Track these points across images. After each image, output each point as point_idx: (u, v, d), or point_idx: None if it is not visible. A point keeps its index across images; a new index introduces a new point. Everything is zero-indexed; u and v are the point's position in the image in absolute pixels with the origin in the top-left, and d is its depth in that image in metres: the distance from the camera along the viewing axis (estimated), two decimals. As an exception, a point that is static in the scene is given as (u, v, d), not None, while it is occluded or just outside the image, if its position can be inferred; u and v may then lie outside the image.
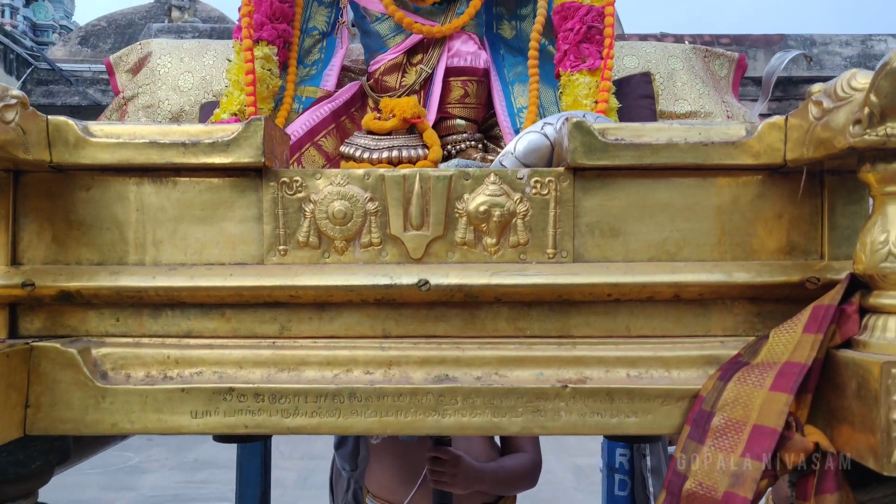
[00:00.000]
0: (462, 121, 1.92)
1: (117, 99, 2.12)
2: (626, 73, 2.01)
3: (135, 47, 2.20)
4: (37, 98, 11.36)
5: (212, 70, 2.05)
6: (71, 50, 12.60)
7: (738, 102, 2.11)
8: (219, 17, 12.96)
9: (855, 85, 1.02)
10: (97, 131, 1.19)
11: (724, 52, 2.16)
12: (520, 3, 2.09)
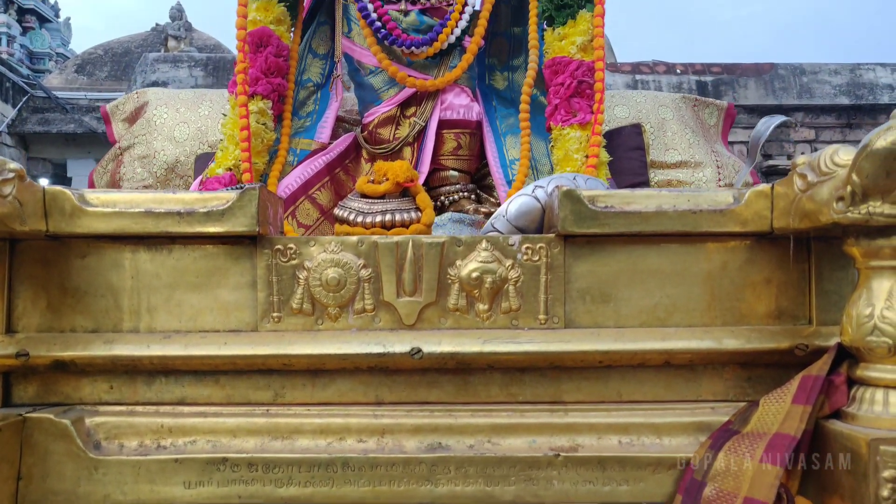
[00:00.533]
0: (455, 172, 1.94)
1: (113, 149, 2.14)
2: (617, 124, 2.05)
3: (131, 96, 2.23)
4: (32, 126, 11.39)
5: (207, 121, 2.07)
6: (67, 78, 12.66)
7: (727, 151, 2.14)
8: (215, 45, 13.06)
9: (837, 161, 1.04)
10: (93, 199, 1.20)
11: (714, 102, 2.20)
12: (512, 55, 2.12)
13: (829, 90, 9.77)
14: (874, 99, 8.85)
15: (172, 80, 9.04)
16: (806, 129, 8.91)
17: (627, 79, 9.08)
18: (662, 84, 9.14)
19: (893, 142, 0.94)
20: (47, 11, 13.82)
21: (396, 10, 1.88)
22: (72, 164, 11.35)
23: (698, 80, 9.31)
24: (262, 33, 1.82)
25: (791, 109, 8.96)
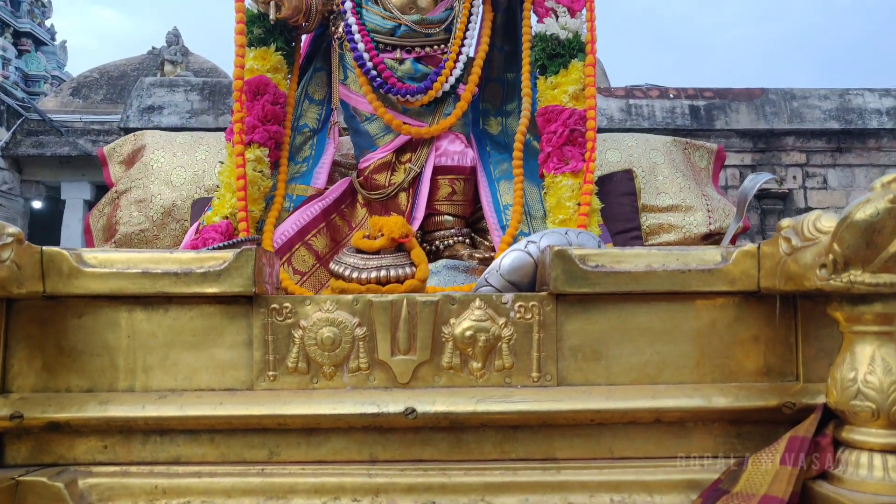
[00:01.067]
0: (450, 217, 1.96)
1: (110, 192, 2.15)
2: (608, 168, 2.08)
3: (128, 138, 2.25)
4: (26, 149, 11.40)
5: (204, 165, 2.09)
6: (62, 101, 12.69)
7: (717, 194, 2.17)
8: (211, 68, 13.12)
9: (820, 227, 1.07)
10: (91, 259, 1.21)
11: (704, 144, 2.23)
12: (505, 100, 2.16)
13: (818, 115, 9.87)
14: (863, 123, 8.96)
15: (168, 104, 9.08)
16: (797, 153, 9.00)
17: (621, 103, 9.17)
18: (655, 108, 9.24)
19: (872, 214, 0.96)
20: (43, 35, 13.88)
21: (392, 59, 1.92)
22: (65, 187, 11.35)
23: (691, 104, 9.41)
24: (259, 82, 1.85)
25: (782, 134, 9.06)
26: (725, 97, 10.28)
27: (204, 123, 8.68)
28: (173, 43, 10.26)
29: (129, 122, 8.70)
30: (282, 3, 1.80)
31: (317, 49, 2.13)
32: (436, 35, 1.96)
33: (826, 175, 9.06)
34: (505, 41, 2.14)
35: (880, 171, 8.87)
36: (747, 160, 8.91)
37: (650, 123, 8.83)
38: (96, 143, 11.28)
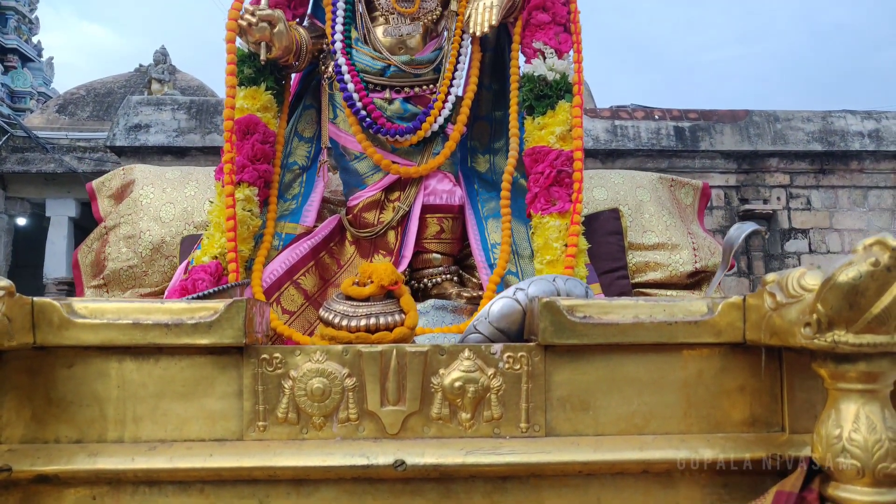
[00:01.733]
0: (438, 255, 1.98)
1: (99, 228, 2.15)
2: (595, 206, 2.10)
3: (117, 172, 2.25)
4: (12, 165, 11.32)
5: (193, 201, 2.09)
6: (48, 118, 12.64)
7: (703, 232, 2.20)
8: (198, 86, 13.11)
9: (804, 284, 1.09)
10: (81, 310, 1.21)
11: (689, 182, 2.27)
12: (493, 138, 2.18)
13: (802, 136, 10.00)
14: (846, 146, 9.10)
15: (155, 122, 9.07)
16: (781, 174, 9.12)
17: (607, 124, 9.26)
18: (641, 130, 9.34)
19: (855, 277, 0.99)
20: (30, 51, 13.83)
21: (381, 99, 1.94)
22: (50, 204, 11.27)
23: (676, 125, 9.51)
24: (249, 121, 1.86)
25: (766, 155, 9.17)
26: (710, 119, 10.41)
27: (191, 142, 8.67)
28: (161, 62, 10.26)
29: (116, 140, 8.67)
30: (272, 44, 1.82)
31: (306, 87, 2.14)
32: (425, 75, 1.98)
33: (809, 196, 9.18)
34: (493, 80, 2.17)
35: (863, 193, 9.00)
36: (732, 181, 9.01)
37: (635, 144, 8.92)
38: (82, 161, 11.23)
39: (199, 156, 8.88)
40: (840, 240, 9.03)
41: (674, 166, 9.04)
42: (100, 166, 11.04)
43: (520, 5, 1.96)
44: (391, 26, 1.99)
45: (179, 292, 1.64)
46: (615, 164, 8.89)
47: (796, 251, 8.95)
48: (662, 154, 8.99)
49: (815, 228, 9.09)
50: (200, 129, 8.91)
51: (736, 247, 1.42)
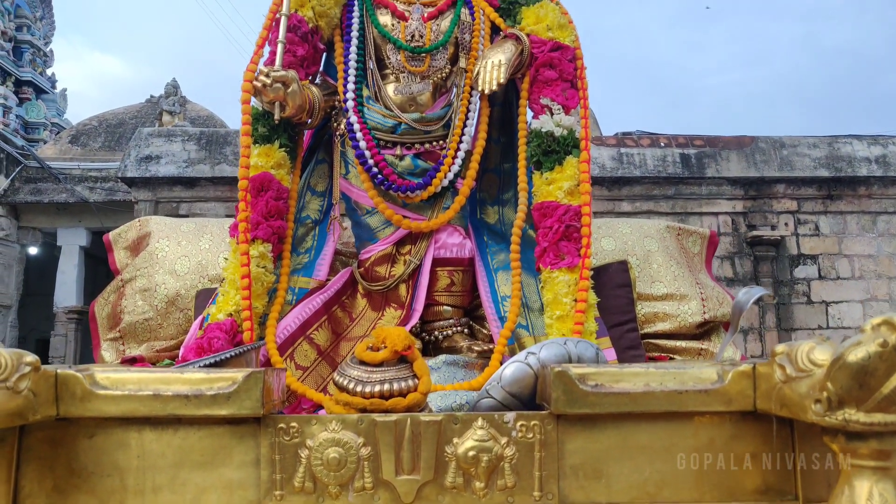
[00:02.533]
0: (449, 307, 2.00)
1: (116, 280, 2.18)
2: (603, 256, 2.12)
3: (133, 224, 2.29)
4: (24, 196, 11.46)
5: (207, 254, 2.13)
6: (61, 148, 12.81)
7: (711, 281, 2.22)
8: (207, 116, 13.29)
9: (814, 359, 1.11)
10: (103, 381, 1.24)
11: (697, 230, 2.29)
12: (502, 189, 2.21)
13: (808, 163, 10.02)
14: (853, 171, 9.09)
15: (166, 153, 9.17)
16: (788, 200, 9.11)
17: (613, 152, 9.30)
18: (647, 157, 9.36)
19: (864, 357, 1.00)
20: (44, 83, 14.07)
21: (392, 155, 1.98)
22: (62, 233, 11.39)
23: (682, 152, 9.54)
24: (263, 178, 1.90)
25: (773, 181, 9.17)
26: (716, 145, 10.44)
27: (200, 172, 8.76)
28: (172, 94, 10.41)
29: (128, 171, 8.79)
30: (286, 103, 1.86)
31: (319, 141, 2.19)
32: (435, 132, 2.02)
33: (818, 222, 9.16)
34: (501, 133, 2.21)
35: (871, 218, 8.98)
36: (739, 207, 9.02)
37: (642, 172, 8.96)
38: (93, 190, 11.36)
39: (209, 186, 8.98)
40: (850, 265, 9.00)
41: (680, 193, 9.07)
42: (111, 195, 11.17)
43: (527, 62, 2.00)
44: (402, 85, 2.03)
45: (195, 351, 1.67)
46: (622, 191, 8.94)
47: (805, 277, 8.93)
48: (669, 181, 9.01)
49: (824, 254, 9.06)
50: (210, 160, 9.01)
51: (745, 311, 1.44)
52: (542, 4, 2.03)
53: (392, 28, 2.04)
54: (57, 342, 10.78)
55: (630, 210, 8.90)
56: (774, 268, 8.91)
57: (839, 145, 10.71)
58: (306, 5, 1.98)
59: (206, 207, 9.00)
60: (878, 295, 8.69)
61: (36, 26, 14.05)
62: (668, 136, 11.09)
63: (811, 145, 10.41)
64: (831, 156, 10.60)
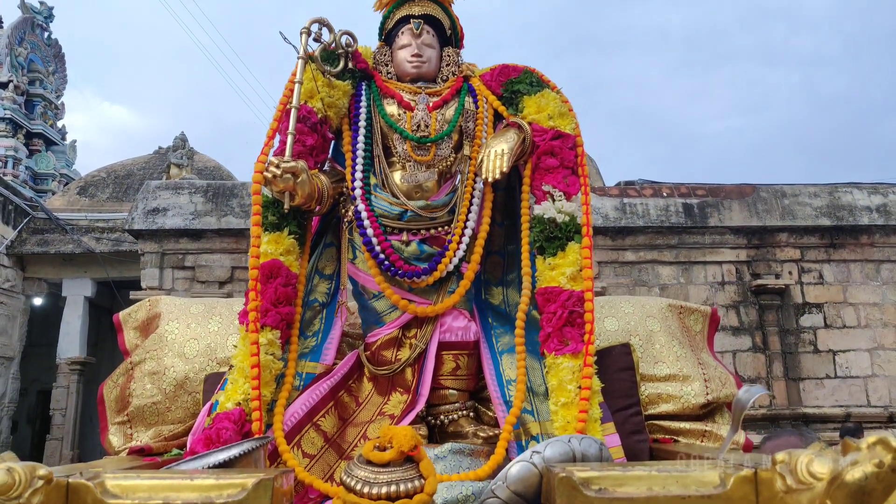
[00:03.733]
0: (454, 391, 2.02)
1: (125, 363, 2.21)
2: (606, 337, 2.15)
3: (143, 304, 2.33)
4: (31, 247, 11.56)
5: (216, 337, 2.16)
6: (69, 199, 12.97)
7: (714, 360, 2.24)
8: (214, 167, 13.47)
9: (813, 472, 1.13)
10: (114, 488, 1.26)
11: (698, 308, 2.32)
12: (506, 270, 2.25)
13: (810, 211, 10.08)
14: (854, 220, 9.14)
15: (173, 206, 9.28)
16: (791, 249, 9.14)
17: (616, 202, 9.39)
18: (650, 207, 9.44)
19: (861, 478, 1.02)
20: (54, 135, 14.33)
21: (398, 241, 2.03)
22: (67, 284, 11.44)
23: (685, 202, 9.61)
24: (272, 265, 1.94)
25: (775, 230, 9.21)
26: (718, 195, 10.52)
27: (207, 224, 8.86)
28: (180, 147, 10.59)
29: (135, 223, 8.89)
30: (295, 192, 1.92)
31: (328, 224, 2.24)
32: (440, 217, 2.07)
33: (821, 270, 9.17)
34: (505, 216, 2.26)
35: (875, 267, 8.99)
36: (742, 256, 9.05)
37: (645, 221, 9.02)
38: (100, 241, 11.45)
39: (215, 237, 9.07)
40: (855, 314, 8.98)
41: (684, 242, 9.12)
42: (117, 246, 11.27)
43: (529, 149, 2.07)
44: (408, 173, 2.10)
45: (204, 442, 1.68)
46: (625, 241, 9.00)
47: (811, 326, 8.90)
48: (672, 230, 9.07)
49: (829, 303, 9.05)
50: (216, 212, 9.12)
51: (747, 409, 1.47)
52: (543, 94, 2.11)
53: (398, 118, 2.11)
54: (59, 394, 10.73)
55: (634, 259, 8.96)
56: (780, 316, 8.90)
57: (840, 194, 10.79)
58: (316, 97, 2.05)
59: (212, 259, 9.08)
60: (885, 344, 8.65)
61: (48, 80, 14.38)
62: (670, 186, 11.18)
63: (812, 194, 10.48)
64: (832, 205, 10.66)
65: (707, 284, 9.29)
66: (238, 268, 8.90)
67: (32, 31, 14.16)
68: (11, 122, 13.36)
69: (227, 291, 8.90)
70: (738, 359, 8.97)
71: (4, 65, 13.27)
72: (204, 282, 9.17)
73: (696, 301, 9.10)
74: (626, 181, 11.33)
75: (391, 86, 2.19)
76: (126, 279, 10.64)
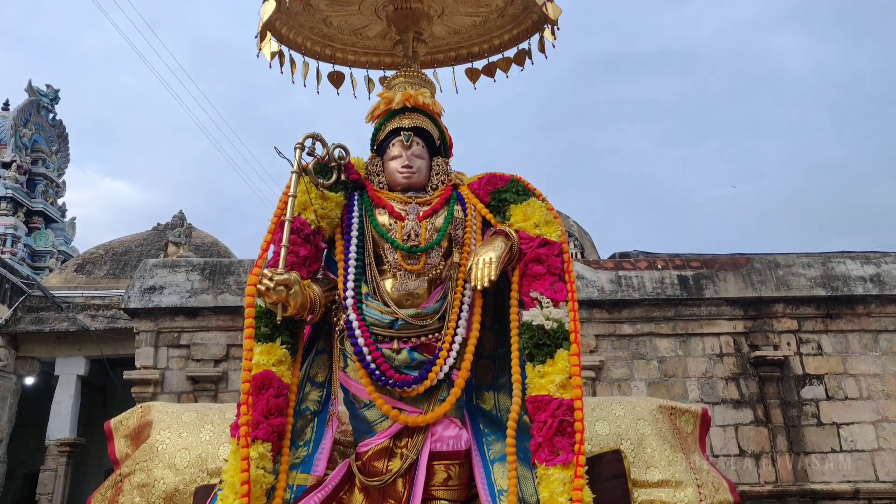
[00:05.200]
0: (446, 502, 2.00)
1: (114, 475, 2.20)
2: (598, 441, 2.14)
3: (135, 411, 2.32)
4: (25, 325, 11.50)
5: (208, 447, 2.15)
6: (66, 277, 13.00)
7: (706, 464, 2.23)
8: (212, 242, 13.58)
9: None
10: None
11: (689, 408, 2.32)
12: (497, 374, 2.27)
13: (804, 282, 10.13)
14: (849, 290, 9.17)
15: (169, 284, 9.31)
16: (788, 319, 9.13)
17: (611, 275, 9.44)
18: (645, 279, 9.49)
19: None
20: (54, 213, 14.49)
21: (389, 349, 2.05)
22: (60, 363, 11.29)
23: (679, 274, 9.67)
24: (264, 377, 1.95)
25: (771, 301, 9.22)
26: (712, 266, 10.59)
27: (203, 302, 8.85)
28: (178, 225, 10.73)
29: (130, 302, 8.88)
30: (288, 304, 1.95)
31: (319, 331, 2.26)
32: (430, 325, 2.10)
33: (820, 341, 9.14)
34: (495, 320, 2.29)
35: (873, 337, 8.96)
36: (739, 327, 9.03)
37: (640, 294, 9.05)
38: (95, 318, 11.40)
39: (211, 315, 9.06)
40: (857, 385, 8.91)
41: (680, 315, 9.12)
42: (112, 323, 11.21)
43: (517, 256, 2.11)
44: (399, 282, 2.14)
45: (192, 562, 1.66)
46: (622, 313, 9.00)
47: (813, 398, 8.80)
48: (668, 303, 9.09)
49: (829, 374, 8.98)
50: (213, 290, 9.14)
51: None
52: (529, 202, 2.17)
53: (389, 227, 2.16)
54: (46, 477, 10.44)
55: (631, 332, 8.94)
56: (781, 388, 8.82)
57: (833, 265, 10.84)
58: (309, 208, 2.11)
59: (208, 337, 9.04)
60: (889, 416, 8.54)
61: (51, 159, 14.66)
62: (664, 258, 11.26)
63: (806, 265, 10.54)
64: (826, 275, 10.71)
65: (706, 357, 9.26)
66: (233, 345, 8.86)
67: (38, 112, 14.51)
68: (12, 201, 13.53)
69: (223, 370, 8.85)
70: (740, 433, 8.85)
71: (8, 145, 13.55)
72: (199, 360, 9.11)
73: (695, 374, 9.10)
74: (621, 252, 11.44)
75: (382, 196, 2.25)
76: (120, 357, 10.56)
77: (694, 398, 8.24)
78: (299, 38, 2.75)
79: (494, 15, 2.66)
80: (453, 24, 2.71)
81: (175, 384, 8.91)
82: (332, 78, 2.84)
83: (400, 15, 2.52)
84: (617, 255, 11.23)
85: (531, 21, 2.65)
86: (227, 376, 8.80)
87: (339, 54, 2.86)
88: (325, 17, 2.67)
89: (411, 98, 2.30)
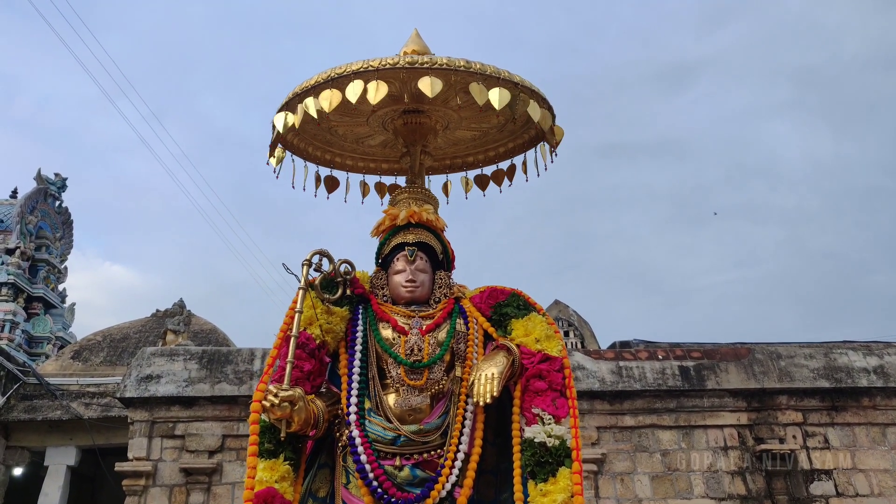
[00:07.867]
0: None
1: None
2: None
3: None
4: (18, 414, 11.30)
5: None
6: (62, 364, 12.88)
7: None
8: (211, 329, 13.54)
9: None
10: None
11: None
12: (499, 490, 2.25)
13: (807, 373, 10.05)
14: (853, 382, 9.06)
15: (166, 373, 9.21)
16: (792, 412, 8.98)
17: (612, 365, 9.37)
18: (646, 370, 9.41)
19: None
20: (54, 299, 14.49)
21: (391, 466, 2.04)
22: (50, 452, 11.02)
23: (680, 365, 9.59)
24: (267, 494, 1.93)
25: (774, 392, 9.11)
26: (713, 357, 10.51)
27: (200, 392, 8.73)
28: (177, 313, 10.74)
29: (126, 391, 8.76)
30: (292, 420, 1.95)
31: (322, 444, 2.26)
32: (433, 441, 2.10)
33: (826, 434, 8.96)
34: (497, 434, 2.29)
35: (881, 430, 8.79)
36: (743, 419, 8.88)
37: (642, 385, 8.95)
38: (89, 406, 11.21)
39: (207, 405, 8.92)
40: (867, 481, 8.68)
41: (683, 406, 8.99)
42: (106, 412, 11.01)
43: (518, 371, 2.13)
44: (401, 398, 2.15)
45: None
46: (623, 405, 8.88)
47: (823, 494, 8.55)
48: (670, 394, 8.98)
49: (838, 469, 8.76)
50: (210, 379, 9.04)
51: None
52: (530, 317, 2.21)
53: (393, 342, 2.19)
54: (24, 579, 10.00)
55: (633, 424, 8.78)
56: (789, 484, 8.58)
57: (835, 356, 10.76)
58: (315, 323, 2.15)
59: (203, 427, 8.86)
60: (902, 513, 8.28)
61: (54, 245, 14.80)
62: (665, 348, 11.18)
63: (808, 356, 10.47)
64: (829, 366, 10.61)
65: (710, 450, 9.07)
66: (229, 436, 8.68)
67: (45, 199, 14.77)
68: (14, 287, 13.58)
69: (217, 461, 8.64)
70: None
71: (14, 232, 13.71)
72: (193, 451, 8.90)
73: (699, 468, 8.92)
74: (622, 342, 11.39)
75: (386, 309, 2.30)
76: (113, 446, 10.33)
77: (699, 493, 8.03)
78: (302, 144, 2.86)
79: (494, 130, 2.78)
80: (454, 136, 2.83)
81: (167, 476, 8.68)
82: (328, 182, 2.93)
83: (409, 129, 2.63)
84: (617, 344, 11.21)
85: (528, 136, 2.77)
86: (222, 468, 8.59)
87: (339, 159, 2.96)
88: (332, 127, 2.79)
89: (415, 214, 2.38)
